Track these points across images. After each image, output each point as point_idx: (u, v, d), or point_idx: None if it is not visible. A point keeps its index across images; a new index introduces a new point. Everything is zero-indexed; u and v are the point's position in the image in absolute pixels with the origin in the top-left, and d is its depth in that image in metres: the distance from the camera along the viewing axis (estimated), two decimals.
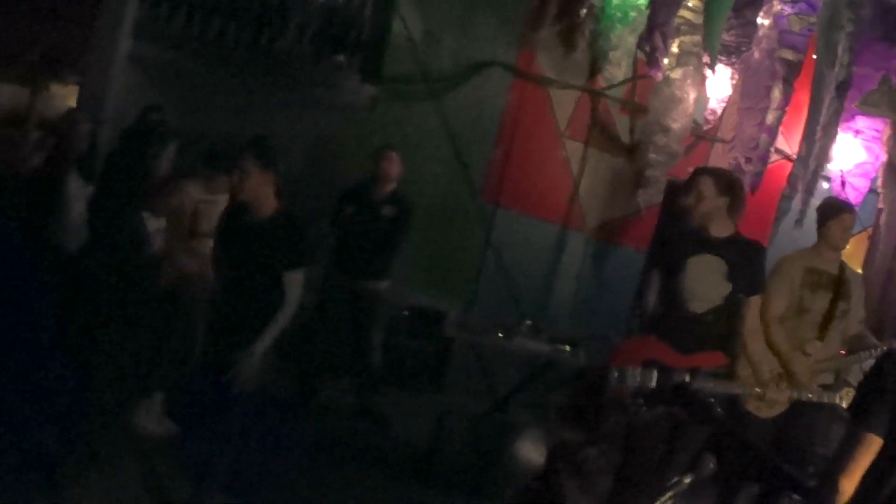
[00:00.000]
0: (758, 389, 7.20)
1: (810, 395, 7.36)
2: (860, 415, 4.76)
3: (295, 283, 6.83)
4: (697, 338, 6.97)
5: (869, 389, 4.82)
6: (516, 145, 11.37)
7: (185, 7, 11.52)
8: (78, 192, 9.04)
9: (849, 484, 4.72)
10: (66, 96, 13.30)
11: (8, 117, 13.15)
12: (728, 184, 7.09)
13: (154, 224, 8.56)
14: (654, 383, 6.86)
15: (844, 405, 7.63)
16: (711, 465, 7.21)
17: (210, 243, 8.77)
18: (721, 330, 7.07)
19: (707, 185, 6.97)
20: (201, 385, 7.82)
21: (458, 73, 11.31)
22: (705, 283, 6.97)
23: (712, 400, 6.67)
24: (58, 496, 6.31)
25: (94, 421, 7.93)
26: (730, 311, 7.07)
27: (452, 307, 10.73)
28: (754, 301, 7.12)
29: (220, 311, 7.16)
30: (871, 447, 4.68)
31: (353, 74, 11.57)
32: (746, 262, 7.05)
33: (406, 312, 10.78)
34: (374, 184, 9.56)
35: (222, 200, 8.78)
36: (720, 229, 6.99)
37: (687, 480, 5.73)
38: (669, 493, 4.68)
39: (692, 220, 6.98)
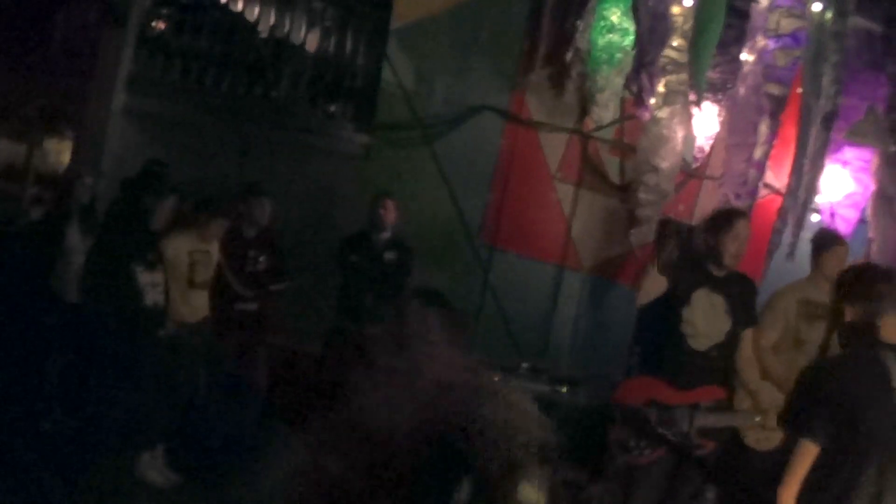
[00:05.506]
0: (758, 419, 7.28)
1: None
2: (798, 422, 4.86)
3: None
4: (698, 374, 7.11)
5: (804, 396, 4.93)
6: (511, 188, 11.45)
7: (180, 59, 11.65)
8: (77, 245, 9.12)
9: (786, 494, 4.79)
10: (62, 151, 13.42)
11: (6, 172, 13.26)
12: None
13: (148, 278, 8.54)
14: (653, 422, 6.98)
15: None
16: (711, 496, 7.33)
17: (206, 294, 8.90)
18: (721, 364, 7.21)
19: (745, 227, 7.14)
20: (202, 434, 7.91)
21: (451, 119, 11.44)
22: (708, 319, 7.11)
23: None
24: None
25: (97, 472, 7.98)
26: (730, 347, 7.22)
27: None
28: (748, 333, 7.27)
29: None
30: (808, 454, 4.76)
31: (346, 123, 11.71)
32: (742, 296, 7.21)
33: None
34: (374, 230, 9.67)
35: (215, 249, 8.88)
36: (721, 267, 7.14)
37: None
38: None
39: (728, 262, 7.13)
